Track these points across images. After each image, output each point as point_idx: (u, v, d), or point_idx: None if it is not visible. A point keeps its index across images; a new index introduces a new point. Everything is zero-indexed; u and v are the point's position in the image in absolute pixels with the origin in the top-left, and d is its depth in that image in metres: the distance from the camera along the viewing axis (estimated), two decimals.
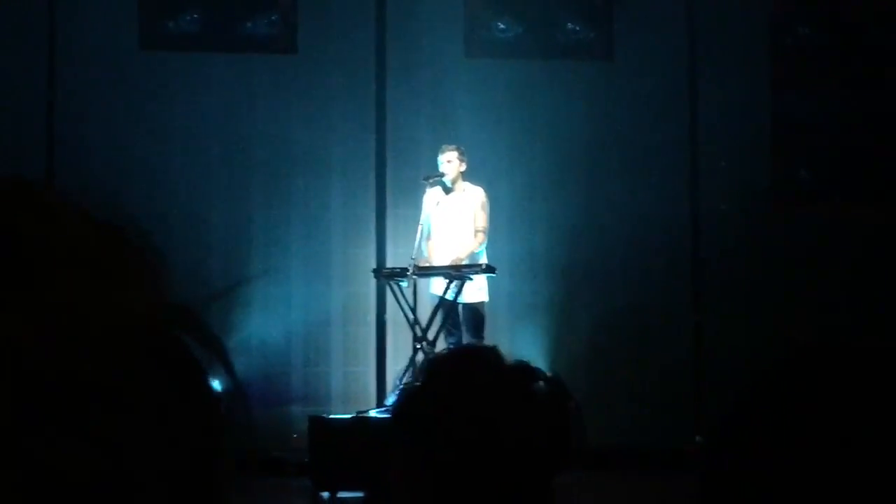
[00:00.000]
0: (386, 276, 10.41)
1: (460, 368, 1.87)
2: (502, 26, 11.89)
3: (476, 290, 10.11)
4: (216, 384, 0.78)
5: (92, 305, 0.73)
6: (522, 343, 11.03)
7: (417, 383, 1.87)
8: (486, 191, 10.37)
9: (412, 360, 9.86)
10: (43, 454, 0.67)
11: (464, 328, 10.11)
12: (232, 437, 0.77)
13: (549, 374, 1.89)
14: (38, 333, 0.70)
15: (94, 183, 10.38)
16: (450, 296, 9.98)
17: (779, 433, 0.97)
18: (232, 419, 0.79)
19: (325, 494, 9.13)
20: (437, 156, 10.36)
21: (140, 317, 0.75)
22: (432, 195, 10.34)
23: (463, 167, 10.31)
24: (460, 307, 10.11)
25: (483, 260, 10.21)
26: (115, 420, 0.70)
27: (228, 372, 0.79)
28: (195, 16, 11.54)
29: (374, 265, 11.16)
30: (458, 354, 2.02)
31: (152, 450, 0.71)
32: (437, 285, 10.22)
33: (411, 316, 9.99)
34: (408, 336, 10.21)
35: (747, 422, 1.01)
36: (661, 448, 10.68)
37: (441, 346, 9.91)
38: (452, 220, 10.26)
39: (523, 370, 1.87)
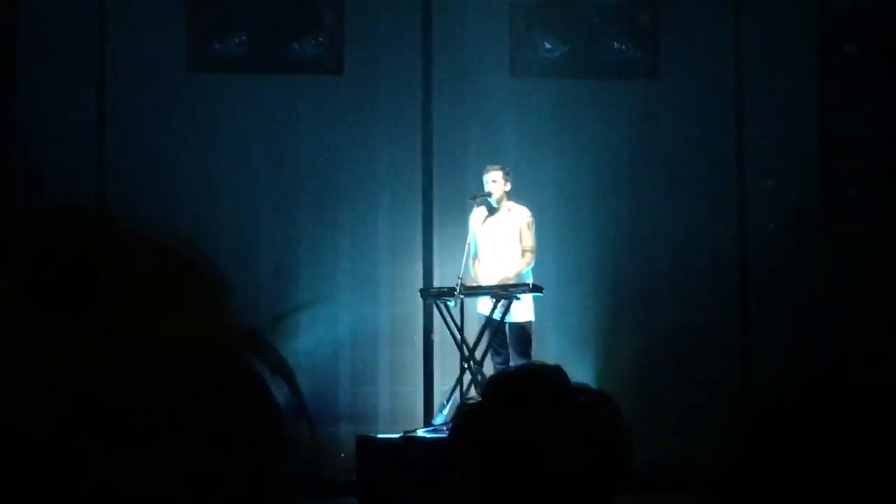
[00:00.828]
0: (433, 295, 10.41)
1: (523, 388, 1.85)
2: (548, 45, 11.90)
3: (523, 310, 10.10)
4: (281, 403, 0.79)
5: (159, 332, 0.73)
6: (569, 362, 10.97)
7: (477, 401, 1.86)
8: (531, 210, 10.37)
9: (459, 379, 9.86)
10: (106, 475, 0.68)
11: (511, 347, 10.09)
12: (295, 456, 0.78)
13: (605, 395, 1.88)
14: (105, 361, 0.70)
15: (143, 206, 10.47)
16: (497, 315, 9.98)
17: (788, 458, 0.98)
18: (297, 439, 0.79)
19: None
20: (482, 175, 10.37)
21: (207, 341, 0.75)
22: (478, 214, 10.35)
23: (508, 186, 10.32)
24: (507, 326, 10.10)
25: (529, 280, 10.20)
26: (178, 442, 0.70)
27: (294, 392, 0.81)
28: (242, 38, 11.61)
29: (421, 285, 11.17)
30: (522, 373, 2.00)
31: (214, 471, 0.71)
32: (483, 305, 10.22)
33: (458, 335, 9.99)
34: (455, 356, 10.21)
35: (757, 446, 1.02)
36: (708, 470, 10.60)
37: (488, 365, 9.90)
38: (498, 239, 10.26)
39: (585, 392, 1.86)
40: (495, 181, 10.27)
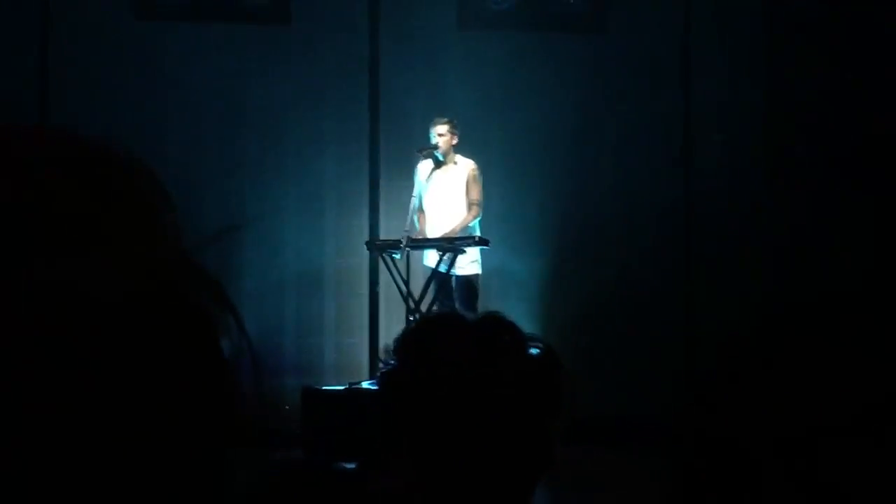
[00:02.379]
0: (379, 247, 10.42)
1: (428, 341, 1.85)
2: None
3: (469, 263, 10.12)
4: (227, 348, 0.70)
5: (88, 275, 0.63)
6: (514, 315, 10.96)
7: (392, 364, 1.85)
8: (478, 164, 10.37)
9: (406, 329, 9.87)
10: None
11: (457, 300, 10.12)
12: (243, 405, 0.70)
13: (539, 340, 1.88)
14: (26, 316, 0.61)
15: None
16: (443, 268, 10.00)
17: (745, 394, 0.99)
18: (245, 386, 0.71)
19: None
20: (429, 128, 10.36)
21: (147, 275, 0.65)
22: (424, 167, 10.35)
23: (455, 140, 10.32)
24: (453, 279, 10.12)
25: (476, 232, 10.22)
26: (110, 414, 0.62)
27: (242, 334, 0.71)
28: None
29: (367, 237, 11.16)
30: (421, 329, 1.99)
31: (155, 416, 0.63)
32: (430, 257, 10.23)
33: (404, 288, 10.01)
34: (401, 308, 10.24)
35: (717, 386, 1.03)
36: (651, 418, 10.71)
37: None
38: (445, 192, 10.26)
39: (493, 321, 1.86)
40: (442, 134, 10.26)
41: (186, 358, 0.66)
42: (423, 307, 9.98)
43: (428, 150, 10.30)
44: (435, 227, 10.25)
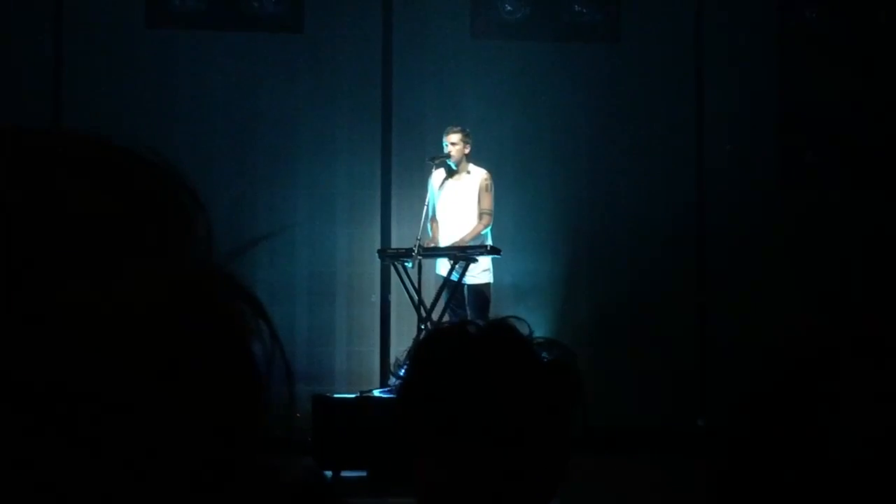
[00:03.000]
0: (391, 256, 10.41)
1: (439, 352, 1.83)
2: (509, 7, 11.86)
3: (480, 272, 10.11)
4: (258, 354, 0.68)
5: (119, 282, 0.60)
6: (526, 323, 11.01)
7: (405, 376, 1.84)
8: (490, 172, 10.37)
9: (416, 340, 9.86)
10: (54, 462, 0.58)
11: (468, 309, 10.11)
12: (273, 415, 0.68)
13: (557, 345, 1.87)
14: (55, 327, 0.58)
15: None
16: (454, 277, 9.99)
17: (792, 422, 0.96)
18: (275, 393, 0.69)
19: (328, 473, 9.15)
20: (442, 137, 10.36)
21: (178, 282, 0.63)
22: (437, 176, 10.34)
23: (468, 149, 10.31)
24: (465, 288, 10.11)
25: (488, 241, 10.22)
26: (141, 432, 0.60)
27: (274, 340, 0.69)
28: None
29: (378, 246, 11.16)
30: (431, 339, 1.98)
31: (188, 424, 0.61)
32: (441, 266, 10.23)
33: (415, 297, 10.00)
34: (412, 317, 10.23)
35: (758, 408, 1.00)
36: (664, 428, 10.69)
37: None
38: (457, 201, 10.26)
39: (502, 328, 1.84)
40: (455, 143, 10.26)
41: (219, 365, 0.64)
42: (435, 316, 9.97)
43: (440, 158, 10.30)
44: (447, 235, 10.25)
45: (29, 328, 0.58)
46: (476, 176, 10.31)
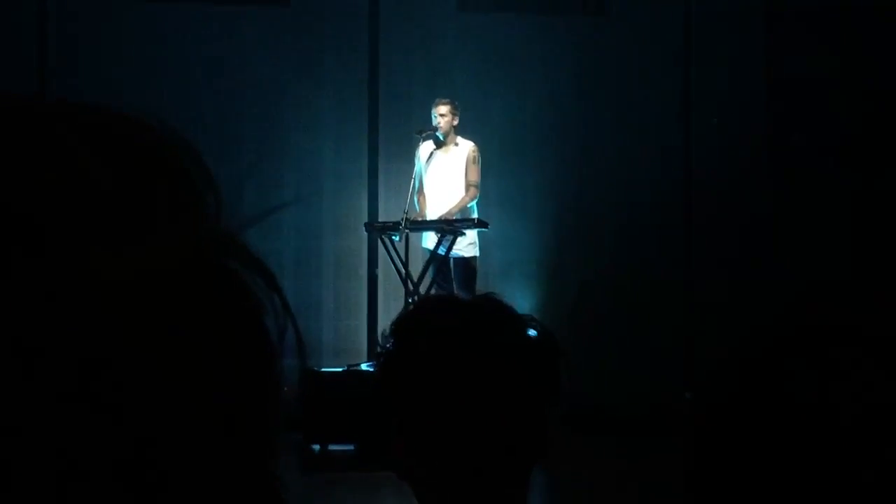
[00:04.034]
0: (378, 229, 10.41)
1: (425, 322, 1.83)
2: None
3: (467, 245, 10.11)
4: (272, 328, 0.68)
5: (132, 256, 0.59)
6: (513, 298, 11.01)
7: (387, 346, 1.84)
8: (477, 145, 10.36)
9: (401, 312, 9.85)
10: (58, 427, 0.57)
11: (455, 282, 10.11)
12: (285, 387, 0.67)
13: (537, 322, 1.87)
14: (70, 303, 0.57)
15: None
16: (441, 250, 9.99)
17: (773, 396, 0.96)
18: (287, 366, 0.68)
19: (316, 447, 9.16)
20: (429, 109, 10.34)
21: (192, 255, 0.62)
22: (425, 149, 10.33)
23: (456, 121, 10.30)
24: (452, 261, 10.12)
25: (475, 215, 10.22)
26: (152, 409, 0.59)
27: (287, 313, 0.68)
28: None
29: (365, 219, 11.15)
30: (418, 311, 1.98)
31: (204, 400, 0.61)
32: (429, 239, 10.23)
33: (403, 270, 10.01)
34: (399, 290, 10.23)
35: (741, 381, 1.00)
36: (651, 406, 10.72)
37: None
38: (444, 174, 10.25)
39: (489, 302, 1.84)
40: (444, 115, 10.24)
41: (234, 339, 0.64)
42: (422, 289, 9.97)
43: (427, 132, 10.29)
44: (435, 208, 10.24)
45: (43, 295, 0.57)
46: (464, 148, 10.29)
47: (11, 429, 0.56)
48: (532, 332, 1.82)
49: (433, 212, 10.24)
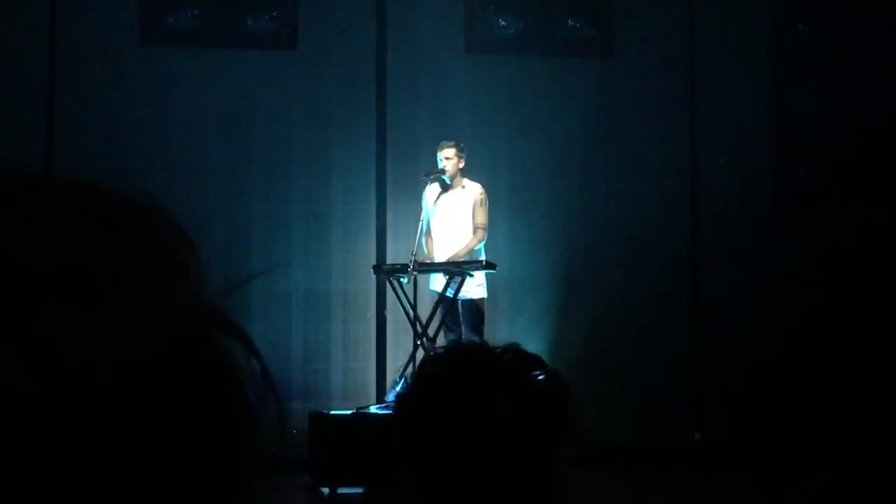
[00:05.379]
0: (386, 272, 10.40)
1: (451, 367, 1.84)
2: (503, 22, 11.88)
3: (475, 287, 10.11)
4: (251, 394, 0.68)
5: (108, 326, 0.59)
6: (521, 339, 10.98)
7: (409, 387, 1.85)
8: (485, 187, 10.37)
9: (412, 356, 9.86)
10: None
11: (463, 325, 10.10)
12: (260, 440, 0.67)
13: (547, 366, 1.87)
14: (40, 375, 0.57)
15: (93, 178, 10.36)
16: (449, 292, 9.98)
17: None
18: (262, 424, 0.68)
19: (325, 490, 9.13)
20: (436, 151, 10.36)
21: (169, 325, 0.62)
22: (432, 191, 10.34)
23: (462, 163, 10.31)
24: (460, 303, 10.11)
25: (482, 256, 10.21)
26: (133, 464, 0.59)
27: (266, 379, 0.68)
28: (195, 12, 11.52)
29: (374, 261, 11.15)
30: (446, 353, 1.98)
31: (181, 471, 0.61)
32: (437, 282, 10.22)
33: (411, 312, 9.99)
34: (408, 332, 10.21)
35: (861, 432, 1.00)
36: (660, 446, 10.68)
37: (441, 342, 9.90)
38: (452, 216, 10.25)
39: (516, 354, 1.85)
40: (449, 158, 10.26)
41: (212, 410, 0.64)
42: (431, 332, 9.96)
43: (435, 173, 10.30)
44: (442, 250, 10.24)
45: (16, 363, 0.57)
46: (471, 190, 10.30)
47: None
48: (543, 377, 1.82)
49: (441, 254, 10.24)
